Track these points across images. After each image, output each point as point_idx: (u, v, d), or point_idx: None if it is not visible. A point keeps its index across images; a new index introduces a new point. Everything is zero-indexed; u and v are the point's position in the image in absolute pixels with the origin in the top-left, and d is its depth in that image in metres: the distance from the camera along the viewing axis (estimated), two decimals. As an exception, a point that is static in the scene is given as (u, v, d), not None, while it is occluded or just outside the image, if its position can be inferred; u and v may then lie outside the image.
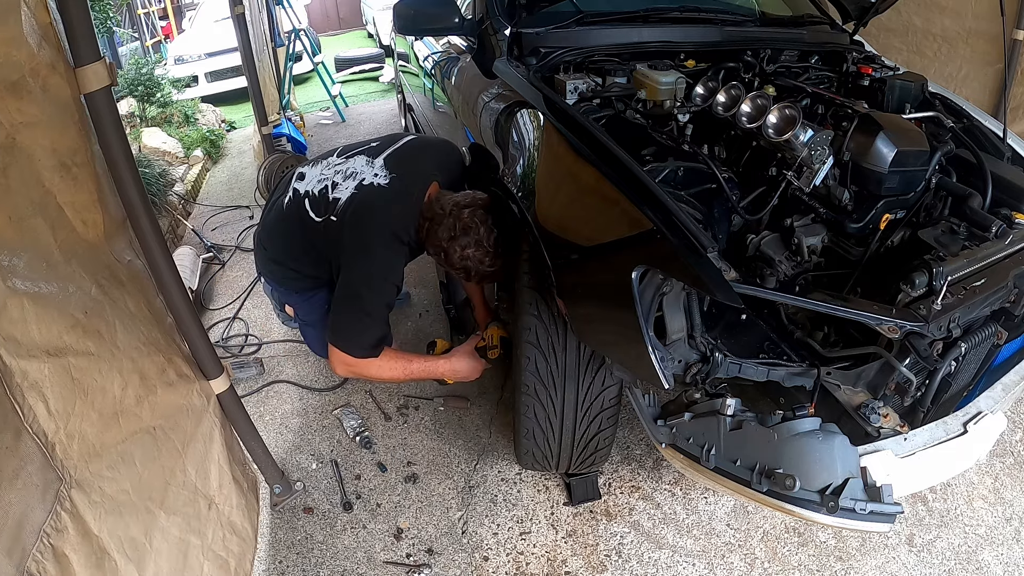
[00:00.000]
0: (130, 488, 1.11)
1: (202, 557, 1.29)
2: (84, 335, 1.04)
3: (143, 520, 1.14)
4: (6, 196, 0.93)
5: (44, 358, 0.94)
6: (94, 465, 1.03)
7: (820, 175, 1.33)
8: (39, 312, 0.94)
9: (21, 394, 0.89)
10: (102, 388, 1.07)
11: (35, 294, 0.94)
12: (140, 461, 1.15)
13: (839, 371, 1.23)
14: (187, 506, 1.29)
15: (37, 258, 0.97)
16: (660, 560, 1.65)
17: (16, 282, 0.91)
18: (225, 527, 1.40)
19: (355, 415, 2.12)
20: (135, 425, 1.15)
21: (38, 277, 0.96)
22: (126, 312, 1.20)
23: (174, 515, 1.23)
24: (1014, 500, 1.76)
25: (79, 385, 1.01)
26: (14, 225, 0.94)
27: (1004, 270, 1.23)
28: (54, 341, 0.97)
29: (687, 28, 1.90)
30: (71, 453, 0.98)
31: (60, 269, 1.03)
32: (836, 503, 1.02)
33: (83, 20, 1.05)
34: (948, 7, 2.97)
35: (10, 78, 0.94)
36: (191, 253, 3.11)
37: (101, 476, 1.04)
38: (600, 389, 1.47)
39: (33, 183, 1.01)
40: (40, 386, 0.92)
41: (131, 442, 1.14)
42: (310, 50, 5.54)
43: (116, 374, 1.12)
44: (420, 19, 1.96)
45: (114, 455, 1.08)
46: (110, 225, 1.20)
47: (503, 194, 1.65)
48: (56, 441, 0.95)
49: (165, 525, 1.20)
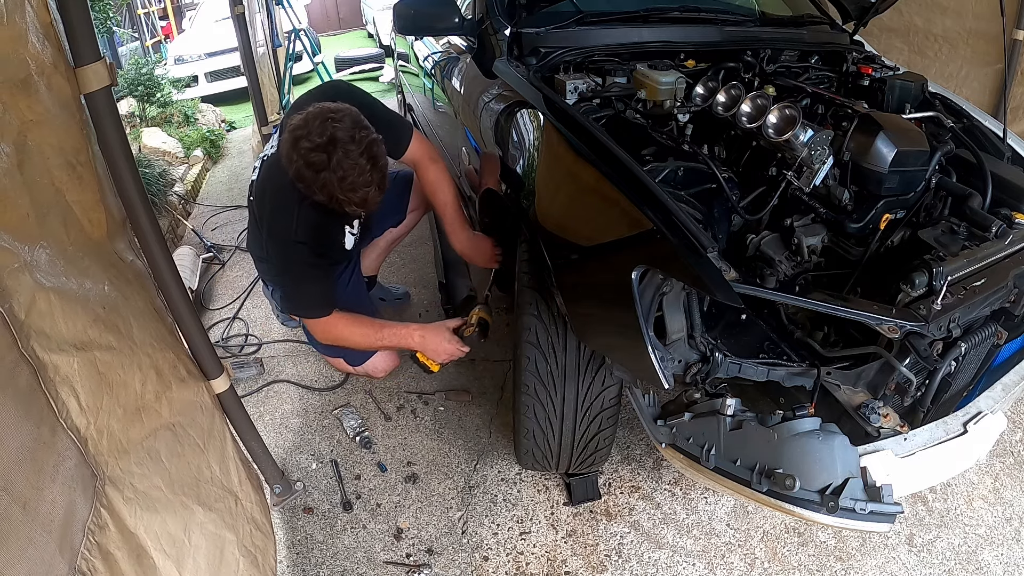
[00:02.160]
0: (161, 484, 1.11)
1: (237, 552, 1.29)
2: (105, 330, 1.04)
3: (181, 516, 1.14)
4: (25, 191, 0.92)
5: (72, 352, 0.93)
6: (123, 461, 1.02)
7: (820, 175, 1.33)
8: (64, 306, 0.93)
9: (55, 388, 0.88)
10: (124, 383, 1.07)
11: (58, 289, 0.94)
12: (166, 457, 1.15)
13: (839, 371, 1.23)
14: (218, 501, 1.28)
15: (55, 254, 0.97)
16: (660, 560, 1.65)
17: (40, 277, 0.90)
18: (251, 522, 1.40)
19: (355, 415, 2.12)
20: (156, 421, 1.15)
21: (58, 272, 0.96)
22: (137, 309, 1.20)
23: (209, 510, 1.23)
24: (1014, 500, 1.76)
25: (105, 380, 1.01)
26: (33, 221, 0.94)
27: (1004, 270, 1.23)
28: (79, 335, 0.96)
29: (687, 28, 1.90)
30: (102, 449, 0.97)
31: (76, 265, 1.03)
32: (836, 503, 1.02)
33: (83, 20, 1.05)
34: (949, 7, 2.97)
35: (19, 76, 0.94)
36: (191, 253, 3.11)
37: (131, 472, 1.03)
38: (600, 389, 1.47)
39: (46, 181, 1.00)
40: (71, 380, 0.91)
41: (154, 438, 1.13)
42: (310, 50, 5.53)
43: (136, 369, 1.11)
44: (420, 19, 1.96)
45: (141, 451, 1.08)
46: (111, 225, 1.20)
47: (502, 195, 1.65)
48: (88, 436, 0.94)
49: (202, 520, 1.19)
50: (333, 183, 1.49)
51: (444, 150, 2.61)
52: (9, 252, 0.85)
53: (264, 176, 1.82)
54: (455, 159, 2.33)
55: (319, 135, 1.47)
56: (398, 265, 3.00)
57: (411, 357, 1.92)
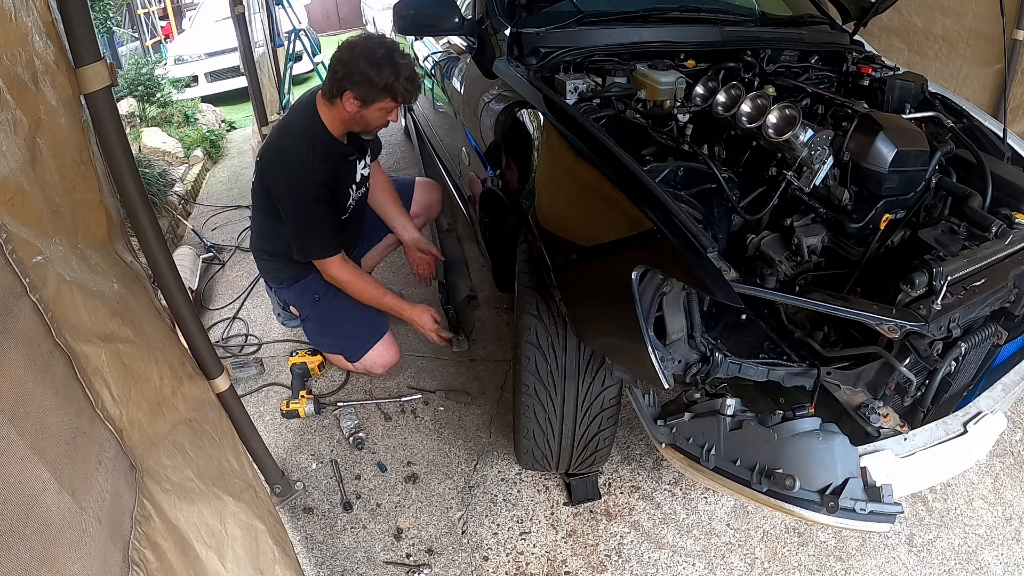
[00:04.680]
0: (193, 475, 1.11)
1: (271, 541, 1.30)
2: (124, 323, 1.04)
3: (215, 507, 1.14)
4: (42, 187, 0.93)
5: (99, 343, 0.93)
6: (154, 454, 1.02)
7: (820, 175, 1.33)
8: (85, 300, 0.94)
9: (88, 378, 0.88)
10: (147, 377, 1.07)
11: (78, 282, 0.94)
12: (191, 450, 1.15)
13: (839, 371, 1.23)
14: (243, 492, 1.28)
15: (69, 250, 0.97)
16: (660, 560, 1.65)
17: (60, 270, 0.90)
18: (271, 514, 1.40)
19: (353, 415, 2.12)
20: (176, 416, 1.15)
21: (74, 267, 0.96)
22: (144, 305, 1.20)
23: (239, 501, 1.23)
24: (1014, 500, 1.76)
25: (130, 372, 1.01)
26: (50, 217, 0.94)
27: (1004, 270, 1.23)
28: (102, 328, 0.96)
29: (687, 28, 1.90)
30: (135, 441, 0.97)
31: (87, 262, 1.03)
32: (836, 503, 1.02)
33: (83, 20, 1.05)
34: (949, 7, 2.97)
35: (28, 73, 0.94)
36: (191, 253, 3.10)
37: (164, 465, 1.03)
38: (600, 389, 1.47)
39: (56, 178, 1.01)
40: (101, 371, 0.92)
41: (177, 432, 1.13)
42: (310, 50, 5.52)
43: (153, 364, 1.12)
44: (420, 19, 1.96)
45: (168, 444, 1.08)
46: (110, 226, 1.20)
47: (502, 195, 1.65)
48: (122, 428, 0.94)
49: (235, 511, 1.19)
50: (401, 66, 1.78)
51: (444, 150, 2.62)
52: (31, 245, 0.85)
53: (275, 132, 2.02)
54: (455, 159, 2.33)
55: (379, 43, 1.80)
56: (398, 265, 3.00)
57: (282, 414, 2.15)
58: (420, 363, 2.39)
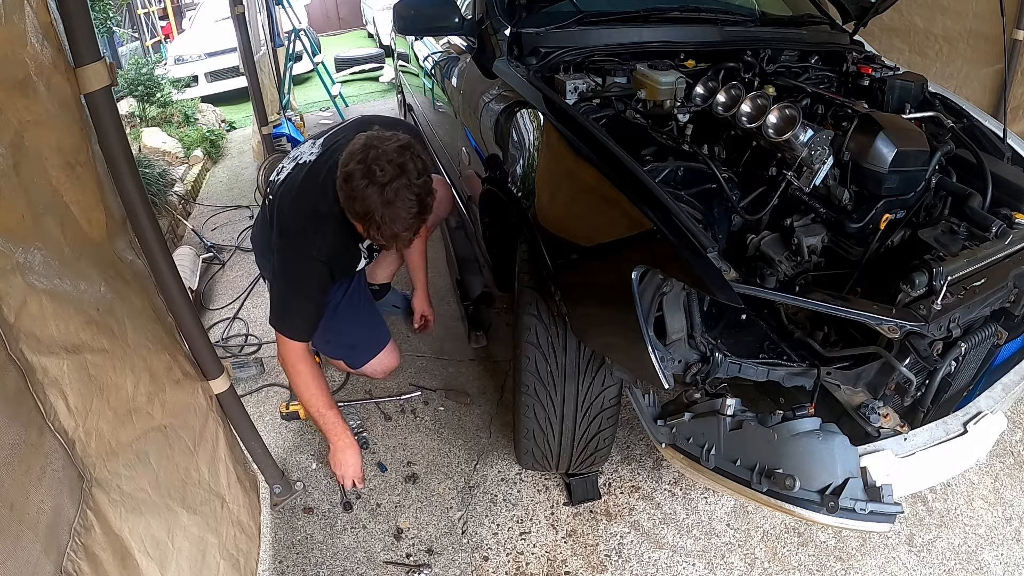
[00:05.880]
0: (148, 487, 1.11)
1: (218, 556, 1.30)
2: (98, 332, 1.04)
3: (165, 519, 1.14)
4: (20, 193, 0.93)
5: (63, 355, 0.94)
6: (111, 463, 1.02)
7: (820, 175, 1.33)
8: (56, 309, 0.94)
9: (43, 391, 0.89)
10: (116, 385, 1.07)
11: (51, 291, 0.94)
12: (155, 460, 1.15)
13: (839, 371, 1.23)
14: (204, 505, 1.29)
15: (51, 255, 0.97)
16: (660, 560, 1.65)
17: (33, 279, 0.91)
18: (235, 525, 1.41)
19: (354, 415, 2.12)
20: (147, 423, 1.15)
21: (53, 274, 0.96)
22: (134, 310, 1.20)
23: (194, 514, 1.23)
24: (1014, 500, 1.76)
25: (95, 382, 1.01)
26: (28, 222, 0.94)
27: (1004, 270, 1.23)
28: (71, 338, 0.97)
29: (687, 28, 1.90)
30: (89, 451, 0.97)
31: (72, 266, 1.03)
32: (836, 503, 1.02)
33: (83, 20, 1.05)
34: (949, 7, 2.98)
35: (16, 76, 0.94)
36: (191, 253, 3.10)
37: (119, 474, 1.04)
38: (600, 389, 1.47)
39: (43, 181, 1.01)
40: (60, 383, 0.92)
41: (145, 440, 1.13)
42: (310, 50, 5.53)
43: (128, 371, 1.12)
44: (420, 19, 1.96)
45: (130, 453, 1.08)
46: (111, 225, 1.20)
47: (502, 194, 1.65)
48: (76, 439, 0.94)
49: (187, 524, 1.20)
50: (378, 204, 1.47)
51: (444, 150, 2.62)
52: (1, 254, 0.85)
53: (297, 181, 1.74)
54: (455, 159, 2.33)
55: (394, 155, 1.48)
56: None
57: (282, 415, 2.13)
58: (420, 363, 2.40)
